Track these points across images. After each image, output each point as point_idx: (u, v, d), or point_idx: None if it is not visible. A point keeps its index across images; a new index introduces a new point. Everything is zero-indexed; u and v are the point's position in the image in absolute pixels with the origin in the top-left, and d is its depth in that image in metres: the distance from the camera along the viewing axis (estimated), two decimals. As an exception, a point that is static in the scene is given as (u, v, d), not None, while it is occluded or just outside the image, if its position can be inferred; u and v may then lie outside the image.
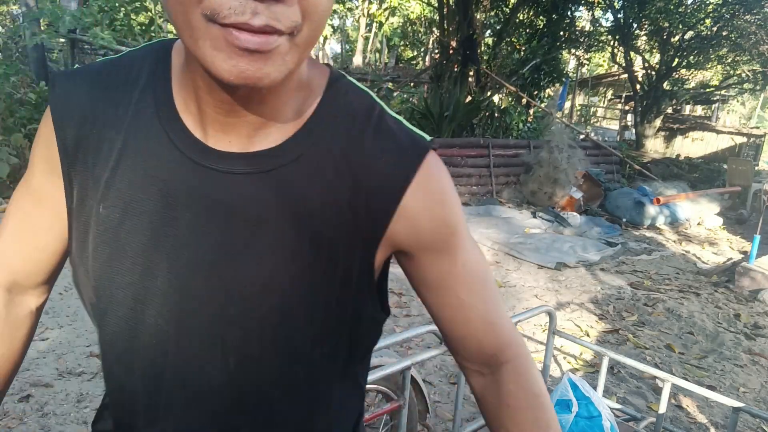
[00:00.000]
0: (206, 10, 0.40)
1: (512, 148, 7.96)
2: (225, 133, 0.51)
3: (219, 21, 0.40)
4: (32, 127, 7.11)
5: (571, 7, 10.37)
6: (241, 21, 0.40)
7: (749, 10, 9.81)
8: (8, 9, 12.23)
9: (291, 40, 0.43)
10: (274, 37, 0.42)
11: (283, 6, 0.41)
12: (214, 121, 0.50)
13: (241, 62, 0.42)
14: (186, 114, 0.52)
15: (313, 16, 0.43)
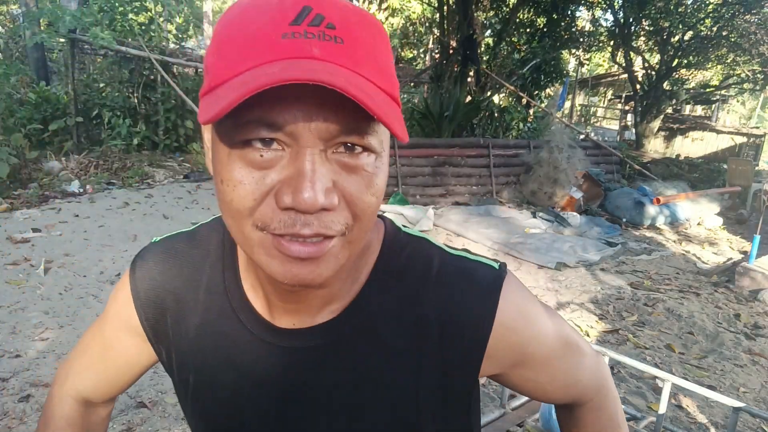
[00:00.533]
0: (257, 222, 0.43)
1: (512, 148, 7.96)
2: (289, 314, 0.54)
3: (270, 231, 0.43)
4: (32, 127, 7.11)
5: (571, 7, 10.36)
6: (292, 232, 0.42)
7: (749, 10, 9.81)
8: (8, 9, 12.22)
9: (343, 238, 0.44)
10: (325, 243, 0.43)
11: (333, 214, 0.42)
12: (278, 307, 0.54)
13: (294, 268, 0.44)
14: (253, 295, 0.56)
15: (363, 215, 0.44)
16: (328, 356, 0.54)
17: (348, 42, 0.41)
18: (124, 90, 7.74)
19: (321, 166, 0.41)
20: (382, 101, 0.41)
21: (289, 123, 0.40)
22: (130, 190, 5.96)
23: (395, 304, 0.55)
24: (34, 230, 4.35)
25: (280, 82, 0.37)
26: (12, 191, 5.45)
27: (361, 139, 0.42)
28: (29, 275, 3.55)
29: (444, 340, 0.54)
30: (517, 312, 0.56)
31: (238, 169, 0.42)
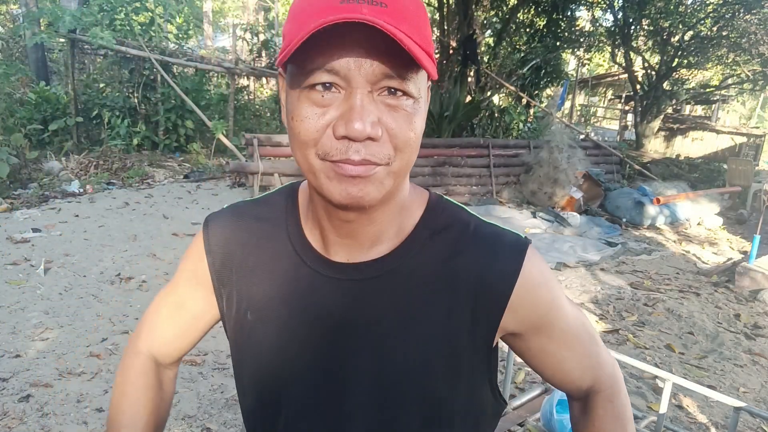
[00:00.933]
0: (319, 151, 0.53)
1: (512, 148, 7.96)
2: (343, 250, 0.63)
3: (329, 159, 0.53)
4: (32, 127, 7.11)
5: (571, 7, 10.35)
6: (345, 158, 0.52)
7: (749, 10, 9.80)
8: (8, 9, 12.22)
9: (387, 168, 0.54)
10: (371, 166, 0.53)
11: (377, 145, 0.52)
12: (333, 242, 0.63)
13: (348, 186, 0.53)
14: (311, 236, 0.65)
15: (404, 148, 0.54)
16: (374, 290, 0.62)
17: (391, 7, 0.50)
18: (124, 90, 7.74)
19: (368, 103, 0.51)
20: (415, 47, 0.50)
21: (343, 68, 0.50)
22: (130, 190, 5.96)
23: (435, 253, 0.63)
24: (34, 230, 4.35)
25: (330, 22, 0.47)
26: (12, 191, 5.45)
27: (401, 84, 0.52)
28: (29, 275, 3.55)
29: (474, 291, 0.62)
30: (540, 275, 0.64)
31: (304, 107, 0.53)
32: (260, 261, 0.67)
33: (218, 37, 20.69)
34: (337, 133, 0.52)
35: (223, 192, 6.26)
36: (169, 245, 4.37)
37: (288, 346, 0.65)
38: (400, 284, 0.62)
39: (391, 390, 0.63)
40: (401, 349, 0.62)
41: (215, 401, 2.47)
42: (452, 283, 0.62)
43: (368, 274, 0.62)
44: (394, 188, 0.57)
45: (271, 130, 9.53)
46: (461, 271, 0.62)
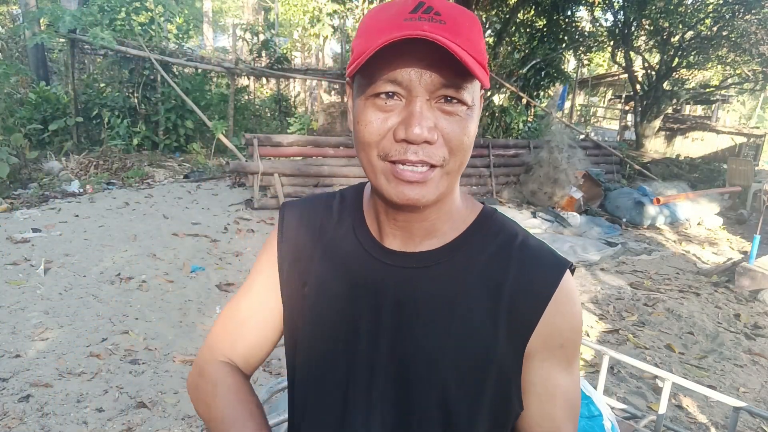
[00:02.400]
0: (380, 152, 0.59)
1: (512, 148, 7.95)
2: (396, 239, 0.69)
3: (389, 159, 0.59)
4: (32, 127, 7.11)
5: (571, 7, 10.34)
6: (403, 158, 0.58)
7: (749, 10, 9.80)
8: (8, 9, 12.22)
9: (442, 170, 0.60)
10: (428, 171, 0.58)
11: (434, 147, 0.58)
12: (389, 234, 0.69)
13: (405, 189, 0.59)
14: (371, 224, 0.72)
15: (457, 151, 0.60)
16: (421, 279, 0.67)
17: (449, 23, 0.57)
18: (124, 90, 7.74)
19: (426, 110, 0.57)
20: (469, 59, 0.55)
21: (405, 79, 0.57)
22: (130, 190, 5.96)
23: (482, 256, 0.67)
24: (34, 230, 4.35)
25: (395, 39, 0.53)
26: (12, 191, 5.45)
27: (456, 93, 0.58)
28: (29, 275, 3.55)
29: (514, 298, 0.65)
30: (570, 298, 0.66)
31: (369, 113, 0.59)
32: (324, 242, 0.74)
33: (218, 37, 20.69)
34: (398, 136, 0.58)
35: (223, 192, 6.26)
36: (169, 245, 4.37)
37: (336, 318, 0.70)
38: (446, 278, 0.66)
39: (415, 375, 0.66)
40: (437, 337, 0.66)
41: (215, 401, 2.47)
42: (495, 286, 0.66)
43: (417, 263, 0.67)
44: (448, 189, 0.62)
45: (271, 130, 9.54)
46: (505, 276, 0.66)
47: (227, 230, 4.94)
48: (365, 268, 0.69)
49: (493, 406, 0.67)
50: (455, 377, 0.66)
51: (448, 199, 0.66)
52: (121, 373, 2.60)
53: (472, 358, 0.65)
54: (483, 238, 0.68)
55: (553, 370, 0.67)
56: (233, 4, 24.45)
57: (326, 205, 0.77)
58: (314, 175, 6.04)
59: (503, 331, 0.65)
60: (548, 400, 0.68)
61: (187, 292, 3.58)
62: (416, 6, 0.57)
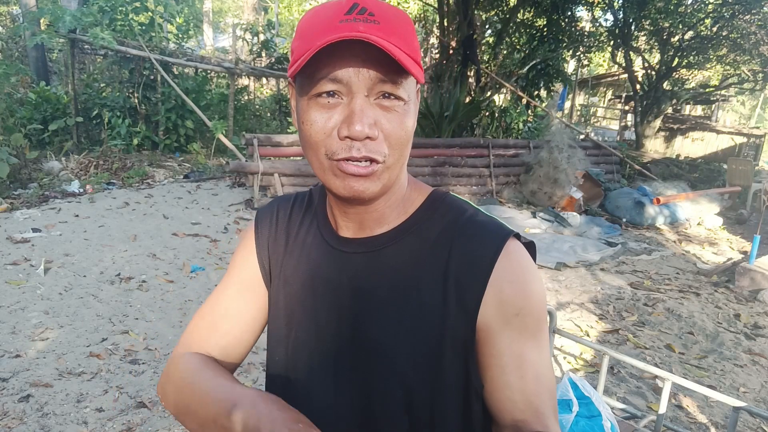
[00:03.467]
0: (327, 151, 0.62)
1: (512, 148, 7.95)
2: (350, 231, 0.73)
3: (334, 158, 0.62)
4: (32, 127, 7.11)
5: (571, 7, 10.34)
6: (348, 155, 0.61)
7: (749, 10, 9.80)
8: (8, 9, 12.22)
9: (384, 164, 0.63)
10: (372, 165, 0.62)
11: (375, 143, 0.61)
12: (343, 226, 0.73)
13: (351, 183, 0.62)
14: (330, 220, 0.76)
15: (396, 146, 0.63)
16: (374, 264, 0.70)
17: (383, 23, 0.60)
18: (124, 90, 7.73)
19: (367, 107, 0.60)
20: (404, 57, 0.59)
21: (344, 77, 0.59)
22: (130, 190, 5.96)
23: (429, 236, 0.70)
24: (34, 230, 4.35)
25: (333, 40, 0.56)
26: (12, 191, 5.45)
27: (393, 88, 0.61)
28: (29, 275, 3.55)
29: (461, 272, 0.67)
30: (518, 265, 0.67)
31: (313, 112, 0.62)
32: (295, 239, 0.78)
33: (218, 37, 20.68)
34: (341, 134, 0.60)
35: (223, 192, 6.26)
36: (169, 245, 4.37)
37: (304, 309, 0.74)
38: (397, 261, 0.69)
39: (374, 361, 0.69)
40: (392, 322, 0.68)
41: (215, 401, 2.47)
42: (443, 263, 0.67)
43: (368, 248, 0.71)
44: (390, 182, 0.65)
45: (271, 130, 9.53)
46: (451, 252, 0.68)
47: (227, 230, 4.94)
48: (325, 259, 0.73)
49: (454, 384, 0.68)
50: (412, 360, 0.67)
51: (394, 189, 0.69)
52: (121, 373, 2.60)
53: (426, 339, 0.67)
54: (431, 219, 0.71)
55: (515, 341, 0.65)
56: (233, 4, 24.45)
57: (296, 203, 0.82)
58: (314, 174, 6.02)
59: (453, 306, 0.66)
60: (515, 371, 0.65)
61: (187, 292, 3.58)
62: (351, 7, 0.60)
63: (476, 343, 0.67)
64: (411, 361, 0.67)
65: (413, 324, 0.67)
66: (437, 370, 0.67)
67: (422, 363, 0.67)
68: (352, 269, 0.71)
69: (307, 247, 0.76)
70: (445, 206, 0.72)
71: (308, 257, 0.75)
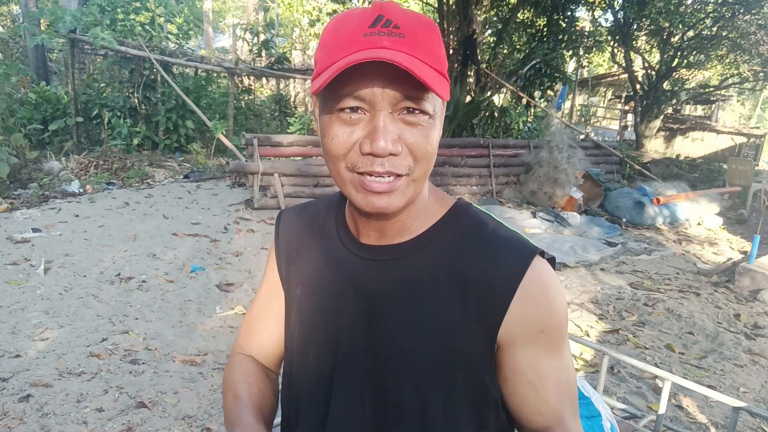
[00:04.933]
0: (348, 164, 0.62)
1: (512, 148, 7.95)
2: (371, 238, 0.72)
3: (356, 171, 0.61)
4: (32, 127, 7.11)
5: (571, 7, 10.34)
6: (371, 170, 0.60)
7: (749, 10, 9.80)
8: (8, 9, 12.21)
9: (408, 178, 0.62)
10: (395, 181, 0.61)
11: (399, 158, 0.60)
12: (364, 234, 0.72)
13: (373, 199, 0.62)
14: (351, 226, 0.75)
15: (422, 159, 0.62)
16: (394, 272, 0.70)
17: (408, 36, 0.59)
18: (125, 90, 7.73)
19: (390, 124, 0.60)
20: (429, 73, 0.58)
21: (368, 95, 0.59)
22: (130, 190, 5.96)
23: (450, 248, 0.69)
24: (34, 230, 4.35)
25: (357, 61, 0.55)
26: (12, 191, 5.45)
27: (417, 104, 0.60)
28: (29, 275, 3.55)
29: (480, 288, 0.66)
30: (543, 285, 0.66)
31: (335, 127, 0.61)
32: (313, 244, 0.79)
33: (218, 37, 20.68)
34: (363, 150, 0.60)
35: (223, 192, 6.26)
36: (169, 245, 4.38)
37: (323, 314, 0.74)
38: (416, 270, 0.69)
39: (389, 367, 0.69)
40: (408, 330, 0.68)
41: (215, 401, 2.47)
42: (463, 276, 0.67)
43: (388, 256, 0.70)
44: (415, 195, 0.65)
45: (271, 130, 9.54)
46: (472, 266, 0.67)
47: (227, 230, 4.94)
48: (345, 265, 0.73)
49: (469, 395, 0.68)
50: (426, 368, 0.67)
51: (415, 204, 0.68)
52: (121, 373, 2.60)
53: (440, 349, 0.67)
54: (452, 230, 0.70)
55: (539, 357, 0.67)
56: (233, 4, 24.45)
57: (317, 209, 0.83)
58: (314, 175, 6.04)
59: (472, 320, 0.66)
60: (541, 386, 0.68)
61: (187, 292, 3.58)
62: (375, 20, 0.59)
63: (498, 356, 0.68)
64: (426, 371, 0.67)
65: (429, 334, 0.67)
66: (451, 380, 0.67)
67: (437, 373, 0.67)
68: (371, 276, 0.71)
69: (329, 254, 0.76)
70: (468, 218, 0.72)
71: (327, 263, 0.75)
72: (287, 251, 0.82)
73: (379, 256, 0.71)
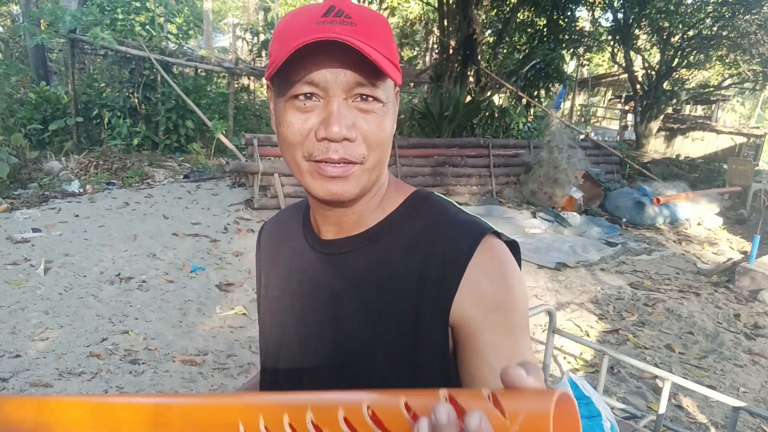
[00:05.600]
0: (305, 153, 0.62)
1: (512, 148, 7.95)
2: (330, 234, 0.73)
3: (312, 159, 0.62)
4: (32, 127, 7.11)
5: (571, 7, 10.34)
6: (326, 157, 0.61)
7: (749, 9, 9.80)
8: (8, 9, 12.21)
9: (362, 166, 0.62)
10: (349, 166, 0.62)
11: (353, 145, 0.61)
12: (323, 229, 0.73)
13: (329, 185, 0.62)
14: (314, 225, 0.76)
15: (376, 147, 0.63)
16: (352, 264, 0.70)
17: (359, 25, 0.59)
18: (125, 90, 7.74)
19: (344, 109, 0.60)
20: (381, 59, 0.58)
21: (321, 80, 0.59)
22: (130, 190, 5.96)
23: (408, 235, 0.68)
24: (34, 230, 4.35)
25: (308, 41, 0.56)
26: (12, 191, 5.45)
27: (372, 90, 0.60)
28: (29, 275, 3.55)
29: (435, 272, 0.65)
30: (497, 258, 0.65)
31: (290, 114, 0.62)
32: (284, 247, 0.80)
33: (217, 37, 20.68)
34: (318, 135, 0.60)
35: (223, 192, 6.26)
36: (169, 245, 4.38)
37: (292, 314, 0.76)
38: (373, 259, 0.69)
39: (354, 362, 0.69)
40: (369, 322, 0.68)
41: (215, 401, 2.47)
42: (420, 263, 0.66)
43: (346, 248, 0.70)
44: (369, 183, 0.65)
45: (271, 130, 9.52)
46: (428, 250, 0.66)
47: (227, 230, 4.94)
48: (309, 263, 0.74)
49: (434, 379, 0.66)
50: (389, 358, 0.67)
51: (373, 191, 0.69)
52: (121, 373, 2.60)
53: (401, 339, 0.66)
54: (410, 219, 0.70)
55: (498, 336, 0.63)
56: (233, 4, 24.46)
57: (287, 214, 0.85)
58: (314, 175, 6.04)
59: (428, 305, 0.64)
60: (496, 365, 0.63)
61: (187, 292, 3.58)
62: (327, 10, 0.60)
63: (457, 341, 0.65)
64: (388, 361, 0.67)
65: (389, 323, 0.66)
66: (414, 370, 0.66)
67: (399, 363, 0.66)
68: (331, 270, 0.71)
69: (295, 253, 0.77)
70: (427, 206, 0.70)
71: (295, 263, 0.76)
72: (266, 260, 0.84)
73: (337, 249, 0.71)
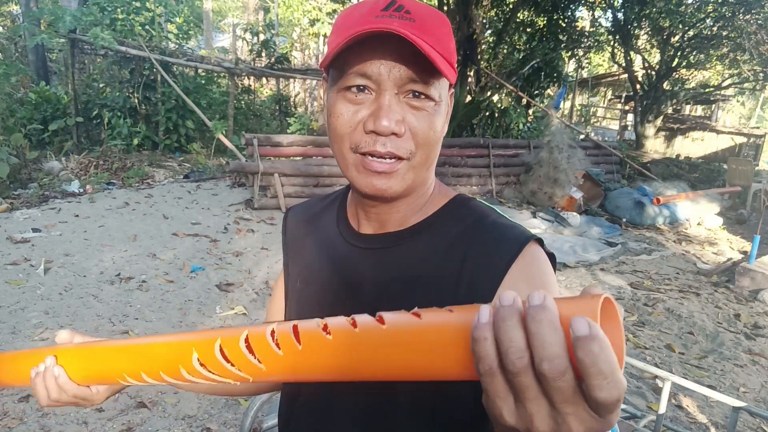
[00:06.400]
0: (352, 144, 0.62)
1: (512, 148, 7.95)
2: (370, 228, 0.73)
3: (359, 151, 0.62)
4: (32, 127, 7.11)
5: (571, 7, 10.35)
6: (372, 149, 0.60)
7: (749, 9, 9.80)
8: (8, 9, 12.21)
9: (409, 162, 0.62)
10: (395, 162, 0.61)
11: (401, 140, 0.61)
12: (364, 224, 0.73)
13: (373, 179, 0.62)
14: (351, 217, 0.76)
15: (424, 145, 0.62)
16: (390, 259, 0.70)
17: (418, 21, 0.60)
18: (125, 90, 7.74)
19: (395, 104, 0.60)
20: (437, 56, 0.58)
21: (374, 73, 0.59)
22: (130, 190, 5.96)
23: (447, 236, 0.68)
24: (34, 230, 4.35)
25: (364, 31, 0.56)
26: (12, 191, 5.45)
27: (424, 88, 0.60)
28: (29, 275, 3.55)
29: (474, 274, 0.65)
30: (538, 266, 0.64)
31: (340, 105, 0.62)
32: (314, 237, 0.80)
33: (217, 37, 20.68)
34: (367, 128, 0.60)
35: (223, 192, 6.26)
36: (169, 245, 4.38)
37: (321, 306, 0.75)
38: (411, 256, 0.68)
39: None
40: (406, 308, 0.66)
41: (215, 401, 2.47)
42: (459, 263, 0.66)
43: (384, 244, 0.70)
44: (415, 182, 0.65)
45: (271, 130, 9.54)
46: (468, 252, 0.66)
47: (227, 230, 4.94)
48: (343, 256, 0.74)
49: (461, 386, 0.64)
50: None
51: (418, 192, 0.69)
52: (121, 373, 2.60)
53: None
54: (451, 220, 0.70)
55: None
56: (233, 4, 24.45)
57: (319, 204, 0.84)
58: (314, 175, 6.04)
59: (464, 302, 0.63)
60: None
61: (187, 292, 3.58)
62: (388, 5, 0.60)
63: None
64: None
65: None
66: None
67: None
68: (367, 265, 0.71)
69: (327, 245, 0.77)
70: (468, 209, 0.71)
71: (327, 255, 0.76)
72: (292, 247, 0.83)
73: (375, 244, 0.71)
